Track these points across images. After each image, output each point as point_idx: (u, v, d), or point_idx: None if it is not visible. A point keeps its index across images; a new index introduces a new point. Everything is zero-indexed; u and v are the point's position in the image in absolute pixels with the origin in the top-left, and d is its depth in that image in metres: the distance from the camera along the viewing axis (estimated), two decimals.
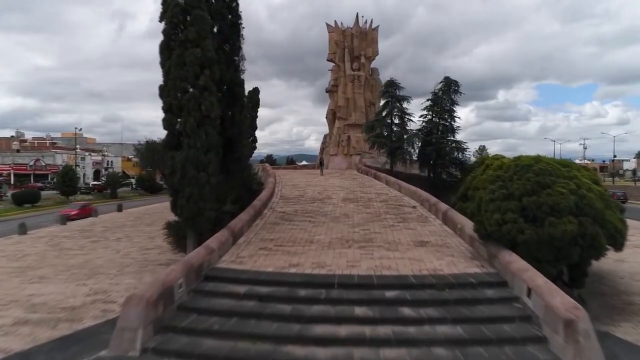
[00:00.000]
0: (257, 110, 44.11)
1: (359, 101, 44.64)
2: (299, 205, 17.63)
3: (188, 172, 10.75)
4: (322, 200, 18.63)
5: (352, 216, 15.16)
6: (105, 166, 78.09)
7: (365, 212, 15.87)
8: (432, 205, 15.67)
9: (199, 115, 10.89)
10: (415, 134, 30.86)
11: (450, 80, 31.23)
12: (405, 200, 18.62)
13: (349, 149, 44.04)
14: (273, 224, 14.01)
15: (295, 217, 15.12)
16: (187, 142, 10.93)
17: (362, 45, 45.48)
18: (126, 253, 16.61)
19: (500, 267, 8.88)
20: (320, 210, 16.25)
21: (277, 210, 16.52)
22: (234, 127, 13.53)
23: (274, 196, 19.67)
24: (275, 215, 15.47)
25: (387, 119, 31.40)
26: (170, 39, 11.27)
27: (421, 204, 17.06)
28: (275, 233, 12.73)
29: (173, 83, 10.99)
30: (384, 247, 11.14)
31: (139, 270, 13.91)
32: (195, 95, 10.85)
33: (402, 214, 15.54)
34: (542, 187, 9.07)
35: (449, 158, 29.89)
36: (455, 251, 10.73)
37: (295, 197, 19.70)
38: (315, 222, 14.12)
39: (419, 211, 16.04)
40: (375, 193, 20.78)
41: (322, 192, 21.29)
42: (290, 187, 23.26)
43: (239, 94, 13.66)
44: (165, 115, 11.26)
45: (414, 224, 13.94)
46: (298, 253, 10.58)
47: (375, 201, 18.43)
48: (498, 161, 13.78)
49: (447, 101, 31.14)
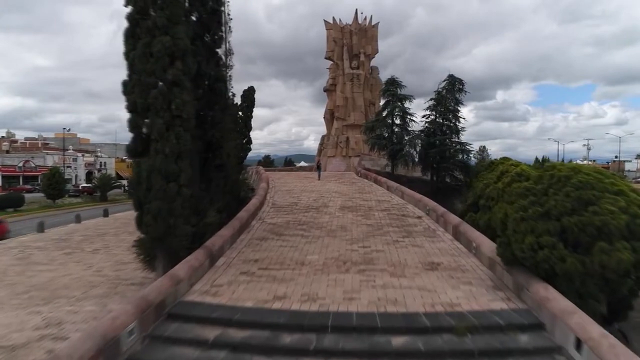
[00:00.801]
0: (252, 110, 42.47)
1: (358, 101, 42.95)
2: (292, 215, 15.93)
3: (155, 183, 9.02)
4: (317, 209, 16.93)
5: (350, 229, 13.45)
6: (98, 167, 76.27)
7: (365, 224, 14.16)
8: (439, 216, 13.96)
9: (168, 115, 9.15)
10: (417, 135, 29.18)
11: (455, 79, 29.53)
12: (409, 209, 16.92)
13: (348, 150, 42.36)
14: (260, 239, 12.29)
15: (286, 230, 13.41)
16: (155, 148, 9.20)
17: (361, 43, 43.82)
18: (99, 269, 14.85)
19: (533, 303, 7.18)
20: (315, 222, 14.54)
21: (267, 221, 14.80)
22: (215, 130, 11.81)
23: (265, 204, 17.96)
24: (263, 228, 13.75)
25: (387, 119, 29.69)
26: (136, 25, 9.54)
27: (427, 214, 15.36)
28: (261, 252, 11.02)
29: (138, 78, 9.25)
30: (388, 270, 9.43)
31: (107, 292, 12.17)
32: (163, 92, 9.11)
33: (407, 227, 13.83)
34: (585, 204, 7.36)
35: (453, 161, 28.25)
36: (473, 277, 9.02)
37: (289, 205, 17.99)
38: (309, 237, 12.40)
39: (425, 223, 14.33)
40: (376, 200, 19.08)
41: (318, 199, 19.58)
42: (284, 193, 21.55)
43: (222, 92, 11.93)
44: (130, 116, 9.53)
45: (421, 239, 12.24)
46: (286, 280, 8.86)
47: (376, 210, 16.74)
48: (517, 168, 12.08)
49: (451, 100, 29.47)
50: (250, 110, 43.97)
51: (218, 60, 12.27)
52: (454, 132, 29.14)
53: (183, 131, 9.35)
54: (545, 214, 7.69)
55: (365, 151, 40.84)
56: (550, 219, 7.59)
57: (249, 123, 44.23)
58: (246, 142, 44.54)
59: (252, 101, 43.96)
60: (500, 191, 11.99)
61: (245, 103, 43.47)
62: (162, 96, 9.12)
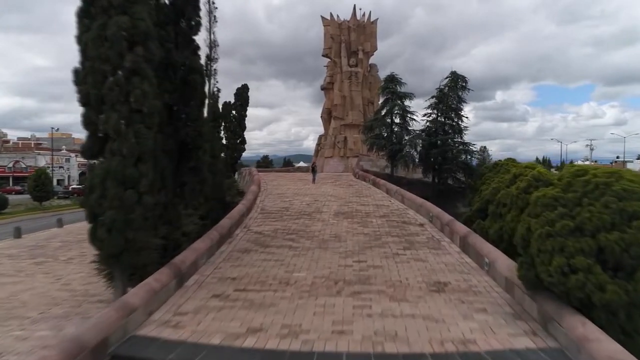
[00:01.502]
0: (246, 109, 40.85)
1: (356, 99, 41.54)
2: (281, 221, 14.49)
3: (109, 190, 7.59)
4: (310, 215, 15.50)
5: (345, 239, 12.02)
6: None
7: (362, 233, 12.73)
8: (445, 224, 12.54)
9: (125, 109, 7.72)
10: (418, 135, 27.74)
11: (457, 76, 28.08)
12: (410, 215, 15.49)
13: (346, 151, 40.95)
14: (242, 251, 10.86)
15: (273, 240, 11.98)
16: (110, 148, 7.77)
17: (359, 40, 42.44)
18: (67, 282, 13.39)
19: (568, 342, 5.75)
20: (306, 230, 13.10)
21: (253, 229, 13.37)
22: (190, 128, 10.39)
23: (254, 209, 16.53)
24: (248, 237, 12.31)
25: (387, 118, 28.24)
26: (90, 4, 8.11)
27: (430, 222, 13.94)
28: (241, 267, 9.58)
29: (91, 65, 7.83)
30: (387, 293, 7.99)
31: (69, 311, 10.74)
32: (119, 82, 7.68)
33: (408, 236, 12.40)
34: (630, 217, 5.94)
35: (456, 162, 26.83)
36: (488, 301, 7.59)
37: (279, 210, 16.56)
38: (297, 249, 10.98)
39: (428, 232, 12.90)
40: (374, 205, 17.66)
41: (311, 203, 18.15)
42: (276, 197, 20.12)
43: (198, 84, 10.50)
44: (83, 110, 8.11)
45: (425, 251, 10.81)
46: (265, 305, 7.43)
47: (374, 216, 15.31)
48: (533, 171, 10.65)
49: (454, 98, 28.07)
50: (244, 109, 42.48)
51: (195, 49, 10.83)
52: (456, 131, 27.72)
53: (144, 128, 7.91)
54: (577, 229, 6.27)
55: (364, 152, 39.44)
56: (584, 236, 6.16)
57: (243, 122, 42.77)
58: (240, 142, 43.13)
59: (246, 99, 42.48)
60: (514, 197, 10.56)
61: (239, 102, 42.02)
62: (119, 87, 7.69)
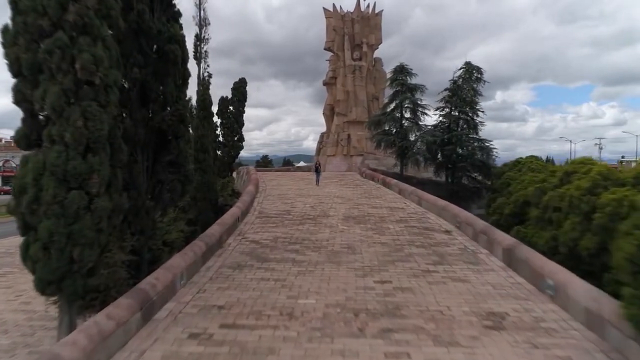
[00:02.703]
0: (244, 104, 38.59)
1: (360, 95, 39.44)
2: (282, 227, 12.37)
3: (46, 191, 5.47)
4: (315, 220, 13.38)
5: (359, 250, 9.91)
6: None
7: (378, 242, 10.61)
8: (479, 232, 10.42)
9: (69, 80, 5.62)
10: (430, 131, 25.64)
11: (472, 66, 25.97)
12: (432, 219, 13.37)
13: (349, 149, 38.85)
14: (234, 267, 8.73)
15: (272, 252, 9.85)
16: (49, 134, 5.66)
17: (364, 32, 40.35)
18: (27, 300, 11.24)
19: None
20: (312, 239, 10.99)
21: (249, 237, 11.24)
22: (168, 112, 8.27)
23: (251, 212, 14.42)
24: (242, 248, 10.18)
25: (396, 113, 26.11)
26: None
27: (458, 228, 11.83)
28: (231, 290, 7.46)
29: (23, 20, 5.72)
30: (427, 331, 5.88)
31: (16, 342, 8.63)
32: (60, 42, 5.57)
33: (435, 246, 10.29)
34: None
35: (471, 160, 24.74)
36: (569, 345, 5.47)
37: (279, 214, 14.43)
38: (303, 264, 8.86)
39: (458, 240, 10.79)
40: (388, 208, 15.54)
41: (316, 205, 16.04)
42: (276, 198, 17.99)
43: (178, 58, 8.36)
44: (14, 82, 6.00)
45: (461, 267, 8.70)
46: (261, 352, 5.31)
47: (389, 221, 13.19)
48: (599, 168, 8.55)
49: (469, 91, 26.02)
50: (242, 104, 40.20)
51: (175, 15, 8.72)
52: (471, 127, 25.64)
53: (97, 107, 5.79)
54: None
55: (369, 149, 37.38)
56: None
57: (240, 119, 40.48)
58: (238, 139, 40.93)
59: (244, 95, 40.20)
60: (574, 199, 8.46)
61: (236, 97, 39.81)
62: (60, 49, 5.58)
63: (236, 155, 39.62)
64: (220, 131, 38.29)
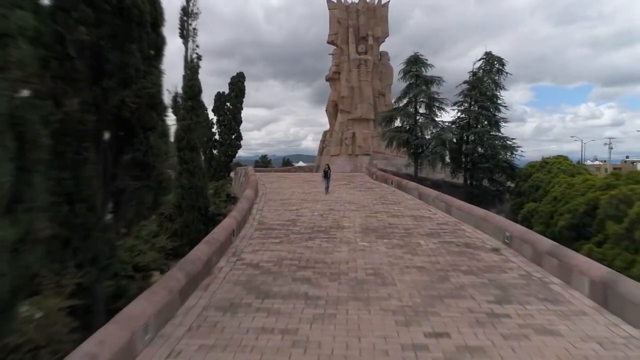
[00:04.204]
0: (242, 100, 36.01)
1: (365, 91, 37.06)
2: (288, 244, 9.97)
3: None
4: (327, 233, 11.00)
5: (391, 279, 7.51)
6: None
7: (413, 267, 8.21)
8: (542, 253, 8.03)
9: None
10: (448, 128, 23.26)
11: (493, 57, 23.63)
12: (469, 232, 11.00)
13: (354, 148, 36.45)
14: (224, 309, 6.31)
15: (276, 281, 7.45)
16: None
17: (369, 24, 38.00)
18: None
19: None
20: (327, 261, 8.59)
21: (246, 258, 8.83)
22: (130, 92, 5.86)
23: (248, 222, 12.03)
24: (237, 276, 7.76)
25: (409, 108, 23.69)
26: None
27: (507, 245, 9.46)
28: (217, 352, 5.05)
29: None
30: None
31: None
32: None
33: (488, 272, 7.89)
34: None
35: (495, 161, 22.37)
36: None
37: (283, 224, 12.03)
38: (319, 303, 6.46)
39: (514, 263, 8.40)
40: (411, 216, 13.15)
41: (326, 213, 13.65)
42: (278, 204, 15.60)
43: (145, 17, 5.95)
44: None
45: (539, 309, 6.30)
46: None
47: (418, 234, 10.82)
48: None
49: (490, 84, 23.68)
50: (240, 100, 37.72)
51: None
52: (492, 124, 23.30)
53: None
54: None
55: (375, 149, 35.03)
56: None
57: (238, 116, 38.02)
58: (236, 137, 38.51)
59: (242, 90, 37.71)
60: None
61: (234, 92, 37.36)
62: None
63: (234, 155, 37.16)
64: (217, 129, 35.83)
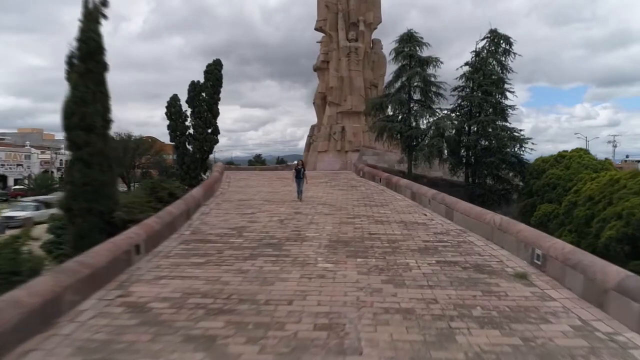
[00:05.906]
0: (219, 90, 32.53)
1: (356, 81, 33.88)
2: (214, 267, 6.76)
3: None
4: (279, 248, 7.80)
5: (355, 338, 4.33)
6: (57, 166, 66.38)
7: (395, 310, 5.02)
8: (607, 289, 4.89)
9: None
10: (446, 116, 20.07)
11: (499, 35, 20.47)
12: (479, 246, 7.84)
13: (344, 144, 33.24)
14: None
15: (154, 343, 4.24)
16: None
17: (360, 9, 34.83)
18: None
19: None
20: (258, 300, 5.39)
21: (134, 293, 5.61)
22: None
23: (178, 232, 8.82)
24: (94, 330, 4.55)
25: (402, 93, 20.45)
26: None
27: (538, 268, 6.31)
28: None
29: None
30: None
31: None
32: None
33: (519, 322, 4.73)
34: None
35: (501, 155, 19.18)
36: None
37: (225, 233, 8.82)
38: None
39: (558, 302, 5.24)
40: (400, 222, 9.97)
41: (288, 218, 10.47)
42: (233, 206, 12.38)
43: None
44: None
45: None
46: None
47: (408, 250, 7.64)
48: None
49: (495, 66, 20.51)
50: (217, 90, 34.27)
51: None
52: (497, 112, 20.13)
53: None
54: None
55: (366, 144, 31.83)
56: None
57: (215, 107, 34.58)
58: (212, 131, 35.20)
59: (219, 79, 34.30)
60: None
61: (210, 81, 34.03)
62: None
63: (210, 151, 33.70)
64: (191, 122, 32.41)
